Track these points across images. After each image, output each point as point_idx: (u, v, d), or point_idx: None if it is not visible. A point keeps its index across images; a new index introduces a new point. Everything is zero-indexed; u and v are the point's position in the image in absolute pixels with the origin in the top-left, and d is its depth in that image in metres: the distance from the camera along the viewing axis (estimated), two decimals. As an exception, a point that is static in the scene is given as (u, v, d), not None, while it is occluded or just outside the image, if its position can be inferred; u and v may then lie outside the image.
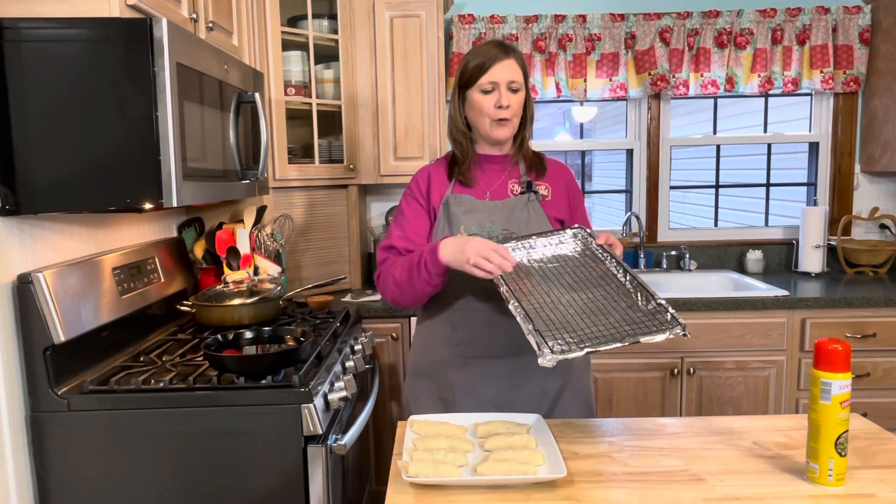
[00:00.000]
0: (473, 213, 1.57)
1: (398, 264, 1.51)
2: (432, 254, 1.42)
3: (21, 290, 1.46)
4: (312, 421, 1.49)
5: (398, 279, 1.50)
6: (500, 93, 1.53)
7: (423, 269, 1.44)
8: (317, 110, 2.63)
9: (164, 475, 1.50)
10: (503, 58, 1.53)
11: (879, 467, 1.13)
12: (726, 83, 2.98)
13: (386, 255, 1.59)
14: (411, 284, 1.48)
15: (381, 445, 2.60)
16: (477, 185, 1.61)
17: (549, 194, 1.63)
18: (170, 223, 2.23)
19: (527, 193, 1.60)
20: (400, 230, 1.60)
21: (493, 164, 1.63)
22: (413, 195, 1.63)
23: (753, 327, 2.54)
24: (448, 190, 1.61)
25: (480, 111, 1.55)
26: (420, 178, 1.65)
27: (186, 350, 1.82)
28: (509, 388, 1.56)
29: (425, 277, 1.44)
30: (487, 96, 1.54)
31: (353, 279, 2.86)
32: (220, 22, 1.98)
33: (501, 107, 1.53)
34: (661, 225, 3.22)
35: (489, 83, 1.53)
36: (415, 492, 1.07)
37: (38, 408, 1.49)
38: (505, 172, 1.63)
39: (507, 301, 1.29)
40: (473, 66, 1.54)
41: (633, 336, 1.20)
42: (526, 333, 1.20)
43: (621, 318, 1.26)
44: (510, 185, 1.62)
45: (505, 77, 1.53)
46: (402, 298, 1.52)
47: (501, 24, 2.94)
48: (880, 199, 3.14)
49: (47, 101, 1.36)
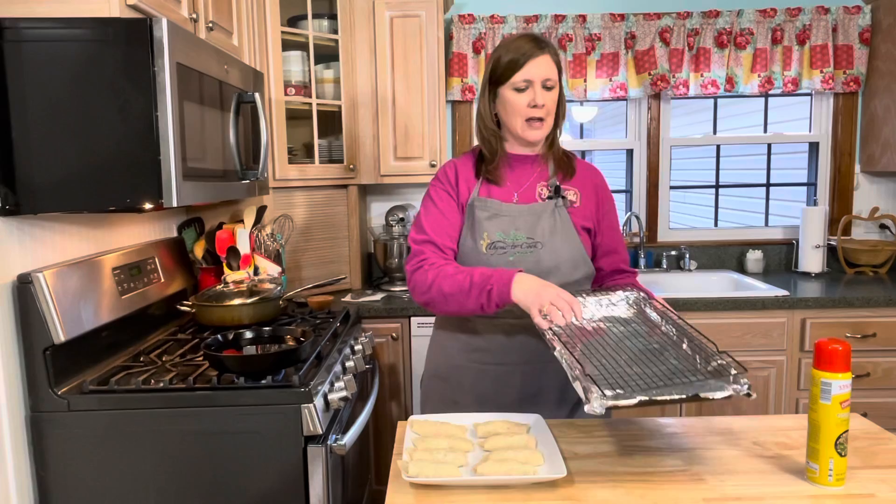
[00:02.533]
0: (498, 218, 1.52)
1: (451, 278, 1.41)
2: (505, 286, 1.33)
3: (21, 290, 1.46)
4: (312, 421, 1.49)
5: (446, 292, 1.41)
6: (534, 91, 1.46)
7: (487, 295, 1.36)
8: (317, 110, 2.63)
9: (163, 475, 1.50)
10: (538, 54, 1.45)
11: (879, 467, 1.13)
12: (726, 83, 2.98)
13: (421, 249, 1.50)
14: (461, 303, 1.40)
15: (381, 445, 2.60)
16: (505, 184, 1.55)
17: (578, 200, 1.56)
18: (170, 223, 2.23)
19: (555, 199, 1.54)
20: (434, 223, 1.52)
21: (523, 163, 1.57)
22: (443, 186, 1.56)
23: (753, 327, 2.54)
24: (475, 189, 1.55)
25: (513, 110, 1.48)
26: (448, 169, 1.58)
27: (186, 350, 1.82)
28: (526, 397, 1.54)
29: (483, 302, 1.37)
30: (521, 94, 1.47)
31: (353, 279, 2.86)
32: (220, 22, 1.98)
33: (536, 106, 1.46)
34: (661, 225, 3.22)
35: (523, 81, 1.45)
36: (415, 492, 1.07)
37: (38, 408, 1.49)
38: (535, 172, 1.57)
39: (553, 347, 1.19)
40: (507, 61, 1.46)
41: (693, 390, 1.07)
42: (571, 381, 1.10)
43: (676, 369, 1.14)
44: (538, 188, 1.55)
45: (540, 74, 1.45)
46: (441, 307, 1.45)
47: (501, 24, 2.94)
48: (880, 199, 3.14)
49: (47, 101, 1.36)
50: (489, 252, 1.51)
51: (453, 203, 1.55)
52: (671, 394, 1.05)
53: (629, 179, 3.24)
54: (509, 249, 1.51)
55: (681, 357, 1.18)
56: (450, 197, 1.55)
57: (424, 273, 1.46)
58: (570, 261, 1.52)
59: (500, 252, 1.51)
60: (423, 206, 1.57)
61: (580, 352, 1.19)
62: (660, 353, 1.20)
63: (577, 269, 1.54)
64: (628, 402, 1.03)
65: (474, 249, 1.52)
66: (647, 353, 1.20)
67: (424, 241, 1.51)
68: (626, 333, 1.28)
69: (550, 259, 1.50)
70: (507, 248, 1.51)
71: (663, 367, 1.14)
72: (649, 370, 1.13)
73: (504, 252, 1.51)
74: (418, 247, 1.52)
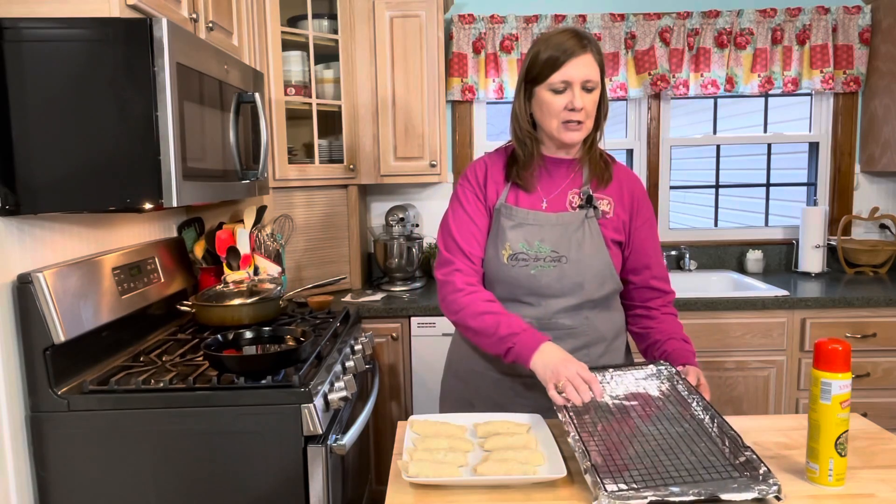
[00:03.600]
0: (523, 227, 1.45)
1: (480, 317, 1.37)
2: (527, 350, 1.30)
3: (21, 290, 1.46)
4: (312, 421, 1.49)
5: (472, 326, 1.39)
6: (573, 93, 1.36)
7: (506, 352, 1.33)
8: (317, 110, 2.63)
9: (164, 475, 1.50)
10: (580, 53, 1.35)
11: (879, 467, 1.13)
12: (726, 83, 2.98)
13: (450, 258, 1.46)
14: (482, 343, 1.39)
15: (381, 445, 2.60)
16: (535, 190, 1.47)
17: (612, 210, 1.47)
18: (170, 223, 2.23)
19: (586, 209, 1.45)
20: (462, 230, 1.47)
21: (558, 167, 1.49)
22: (471, 188, 1.50)
23: (753, 327, 2.54)
24: (503, 194, 1.48)
25: (549, 112, 1.39)
26: (477, 168, 1.51)
27: (186, 350, 1.82)
28: (541, 405, 1.48)
29: (501, 355, 1.35)
30: (558, 96, 1.37)
31: (353, 279, 2.86)
32: (220, 22, 1.98)
33: (574, 109, 1.37)
34: (661, 225, 3.22)
35: (561, 82, 1.36)
36: (415, 492, 1.07)
37: (38, 408, 1.49)
38: (569, 177, 1.49)
39: (567, 432, 1.14)
40: (545, 59, 1.36)
41: (713, 488, 0.97)
42: (583, 472, 1.04)
43: (699, 461, 1.06)
44: (570, 196, 1.47)
45: (580, 75, 1.35)
46: (462, 330, 1.45)
47: (501, 24, 2.94)
48: (880, 199, 3.14)
49: (47, 101, 1.36)
50: (510, 263, 1.46)
51: (481, 206, 1.49)
52: (688, 493, 0.97)
53: (629, 179, 3.24)
54: (531, 262, 1.45)
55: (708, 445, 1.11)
56: (477, 199, 1.49)
57: (457, 298, 1.42)
58: (596, 277, 1.46)
59: (521, 264, 1.45)
60: (451, 207, 1.52)
61: (595, 441, 1.14)
62: (688, 440, 1.12)
63: (603, 285, 1.47)
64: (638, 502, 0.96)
65: (495, 258, 1.47)
66: (673, 438, 1.13)
67: (454, 248, 1.47)
68: (652, 415, 1.21)
69: (576, 275, 1.44)
70: (529, 261, 1.45)
71: (687, 458, 1.07)
72: (670, 461, 1.06)
73: (526, 265, 1.45)
74: (448, 255, 1.47)
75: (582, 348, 1.49)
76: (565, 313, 1.47)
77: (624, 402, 1.26)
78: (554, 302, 1.46)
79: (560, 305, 1.46)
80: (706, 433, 1.14)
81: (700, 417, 1.19)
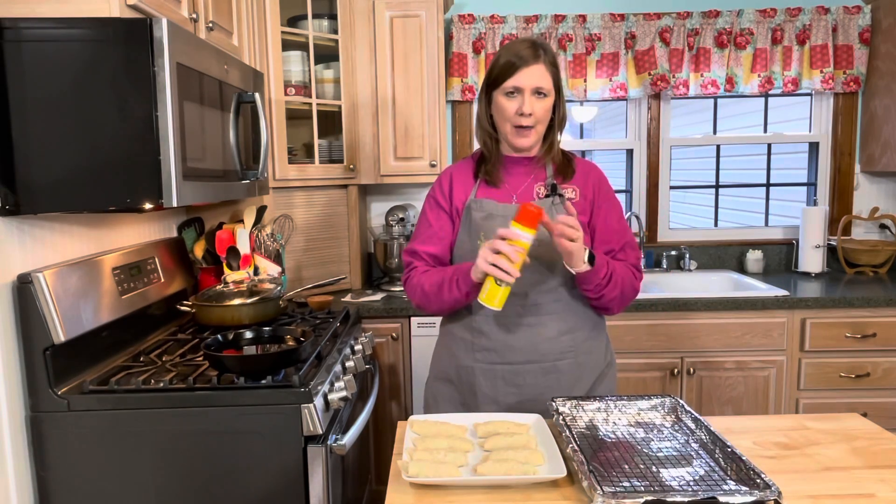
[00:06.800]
0: (494, 217, 1.52)
1: (429, 277, 1.52)
2: (466, 267, 1.44)
3: (21, 290, 1.46)
4: (312, 421, 1.49)
5: (427, 290, 1.52)
6: (522, 99, 1.46)
7: (456, 284, 1.46)
8: (317, 110, 2.63)
9: (164, 475, 1.50)
10: (532, 62, 1.45)
11: (879, 467, 1.13)
12: (726, 83, 2.98)
13: (410, 260, 1.61)
14: (440, 297, 1.51)
15: (381, 445, 2.60)
16: (503, 186, 1.56)
17: (577, 196, 1.56)
18: (170, 223, 2.23)
19: (552, 196, 1.54)
20: (423, 235, 1.60)
21: (518, 166, 1.58)
22: (435, 199, 1.61)
23: (753, 327, 2.54)
24: (472, 191, 1.57)
25: (503, 115, 1.50)
26: (443, 180, 1.62)
27: (186, 350, 1.82)
28: (534, 396, 1.54)
29: (456, 294, 1.47)
30: (511, 101, 1.48)
31: (353, 279, 2.86)
32: (220, 22, 1.98)
33: (523, 114, 1.47)
34: (661, 225, 3.22)
35: (513, 87, 1.46)
36: (415, 492, 1.07)
37: (38, 408, 1.49)
38: (531, 175, 1.57)
39: (568, 444, 1.14)
40: (502, 64, 1.47)
41: (712, 492, 0.97)
42: (582, 478, 1.04)
43: (698, 472, 1.07)
44: (535, 188, 1.56)
45: (530, 83, 1.46)
46: (430, 306, 1.55)
47: (501, 24, 2.94)
48: (880, 199, 3.14)
49: (47, 101, 1.36)
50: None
51: (444, 215, 1.59)
52: (686, 494, 0.97)
53: (629, 179, 3.24)
54: None
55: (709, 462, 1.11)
56: (440, 209, 1.59)
57: (411, 279, 1.57)
58: None
59: None
60: (418, 220, 1.65)
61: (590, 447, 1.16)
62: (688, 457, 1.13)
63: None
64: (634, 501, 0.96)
65: (471, 251, 1.52)
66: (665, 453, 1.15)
67: (411, 253, 1.61)
68: (657, 437, 1.22)
69: (547, 255, 1.50)
70: None
71: (682, 468, 1.08)
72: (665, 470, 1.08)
73: None
74: (408, 258, 1.62)
75: (567, 333, 1.54)
76: (543, 294, 1.53)
77: (629, 428, 1.27)
78: (529, 279, 1.50)
79: (536, 285, 1.52)
80: (710, 453, 1.14)
81: (704, 442, 1.18)
